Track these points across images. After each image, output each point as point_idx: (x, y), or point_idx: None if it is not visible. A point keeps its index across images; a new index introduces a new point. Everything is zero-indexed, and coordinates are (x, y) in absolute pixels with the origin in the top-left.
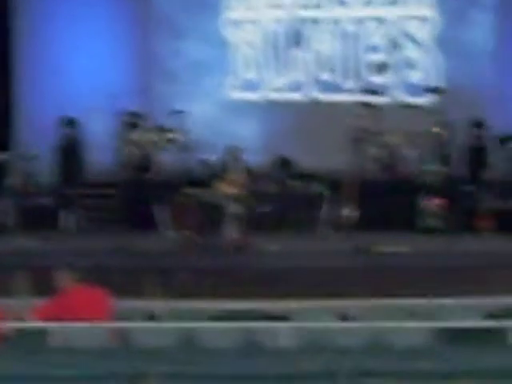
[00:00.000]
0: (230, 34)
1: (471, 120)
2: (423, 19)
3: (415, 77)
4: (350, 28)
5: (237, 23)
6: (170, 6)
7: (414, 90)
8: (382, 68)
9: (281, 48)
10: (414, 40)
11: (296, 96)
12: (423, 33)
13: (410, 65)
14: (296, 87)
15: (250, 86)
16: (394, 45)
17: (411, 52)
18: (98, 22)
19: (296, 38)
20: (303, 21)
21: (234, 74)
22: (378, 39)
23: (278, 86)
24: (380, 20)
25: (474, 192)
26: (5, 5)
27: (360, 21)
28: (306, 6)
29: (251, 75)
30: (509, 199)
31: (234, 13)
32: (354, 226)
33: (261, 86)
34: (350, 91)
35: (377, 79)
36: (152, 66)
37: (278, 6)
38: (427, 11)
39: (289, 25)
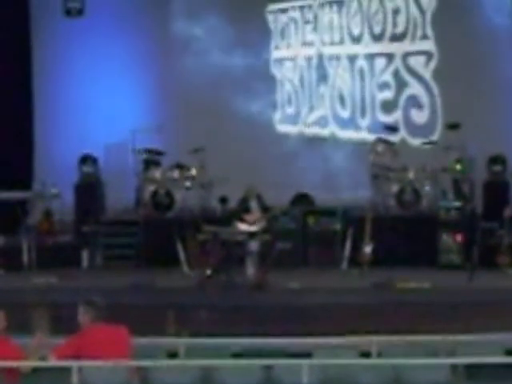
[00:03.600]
0: (277, 71)
1: (491, 156)
2: (429, 54)
3: (421, 115)
4: (363, 64)
5: (280, 61)
6: (194, 44)
7: (421, 129)
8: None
9: (311, 84)
10: (419, 76)
11: (321, 132)
12: (429, 68)
13: (416, 103)
14: (322, 123)
15: (290, 120)
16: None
17: (417, 89)
18: (118, 61)
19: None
20: (328, 57)
21: (280, 109)
22: (387, 76)
23: (308, 122)
24: (389, 56)
25: (495, 228)
26: (27, 46)
27: (371, 57)
28: (326, 43)
29: (290, 110)
30: None
31: (279, 51)
32: (374, 262)
33: (297, 121)
34: (367, 128)
35: (386, 118)
36: (171, 103)
37: (308, 44)
38: (432, 46)
39: (316, 62)
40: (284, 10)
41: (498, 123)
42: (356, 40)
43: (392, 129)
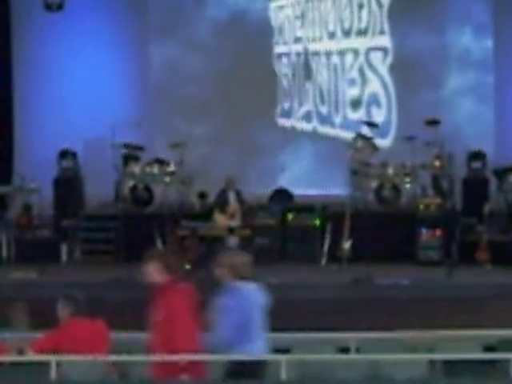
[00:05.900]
0: (276, 66)
1: (470, 152)
2: (385, 50)
3: (379, 113)
4: (336, 61)
5: (278, 56)
6: (175, 38)
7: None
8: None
9: (300, 80)
10: (377, 73)
11: (305, 127)
12: (385, 64)
13: (375, 100)
14: (307, 119)
15: (285, 115)
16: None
17: (376, 86)
18: (98, 55)
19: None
20: (312, 54)
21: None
22: (354, 72)
23: (297, 117)
24: (355, 52)
25: (474, 224)
26: (7, 40)
27: (342, 53)
28: (310, 39)
29: (286, 105)
30: (508, 232)
31: (278, 47)
32: (353, 258)
33: (290, 116)
34: (340, 125)
35: (354, 115)
36: (152, 99)
37: (298, 40)
38: (387, 41)
39: (302, 58)
40: (281, 7)
41: (480, 120)
42: (331, 36)
43: (372, 125)
